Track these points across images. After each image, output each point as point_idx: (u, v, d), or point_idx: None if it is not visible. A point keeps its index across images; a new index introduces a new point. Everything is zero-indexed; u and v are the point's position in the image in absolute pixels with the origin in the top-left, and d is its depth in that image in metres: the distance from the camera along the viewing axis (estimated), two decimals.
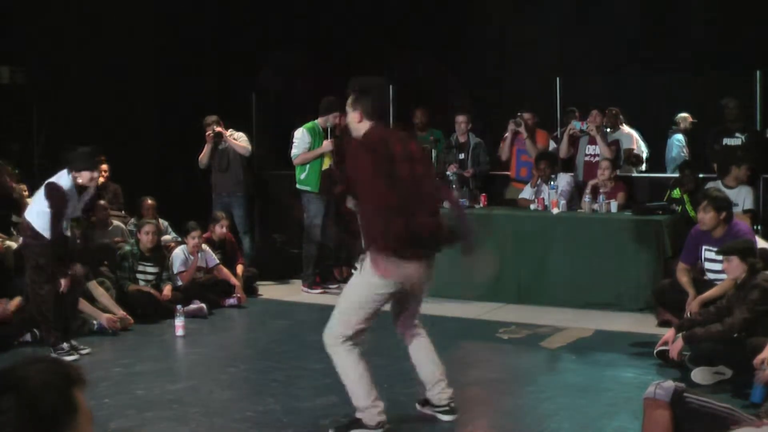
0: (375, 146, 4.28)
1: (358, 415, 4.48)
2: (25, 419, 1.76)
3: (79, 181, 6.17)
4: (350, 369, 4.41)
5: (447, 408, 4.78)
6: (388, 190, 4.19)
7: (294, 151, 8.59)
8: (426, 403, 4.87)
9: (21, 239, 8.02)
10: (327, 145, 8.50)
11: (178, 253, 7.94)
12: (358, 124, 4.47)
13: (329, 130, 8.53)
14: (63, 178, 6.16)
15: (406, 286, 4.45)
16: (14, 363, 1.85)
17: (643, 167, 9.52)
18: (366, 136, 4.40)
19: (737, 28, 9.49)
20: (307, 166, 8.60)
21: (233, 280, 8.09)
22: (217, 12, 10.90)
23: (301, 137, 8.56)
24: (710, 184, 7.44)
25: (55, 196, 6.11)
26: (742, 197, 7.57)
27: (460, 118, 9.17)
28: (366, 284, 4.39)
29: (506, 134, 9.19)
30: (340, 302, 4.55)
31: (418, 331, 4.78)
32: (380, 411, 4.45)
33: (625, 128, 9.18)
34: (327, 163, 8.60)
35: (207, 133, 9.06)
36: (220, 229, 8.39)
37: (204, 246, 8.05)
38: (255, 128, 10.35)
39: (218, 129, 9.04)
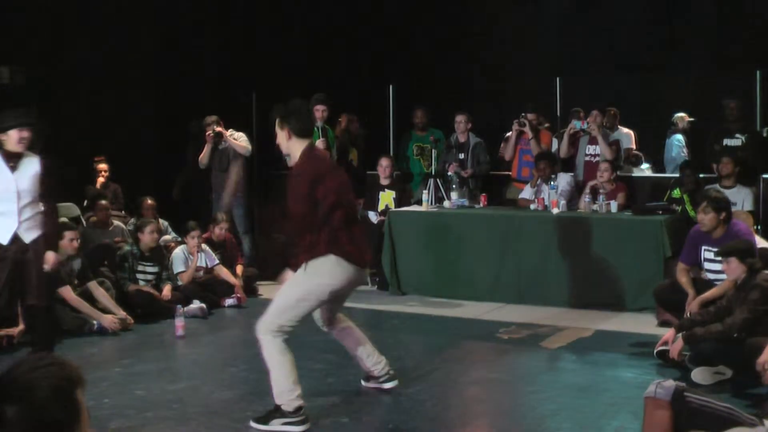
0: (310, 185, 4.72)
1: (278, 401, 4.68)
2: (32, 428, 1.75)
3: (8, 147, 5.28)
4: (276, 356, 4.67)
5: (387, 376, 5.28)
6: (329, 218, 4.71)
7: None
8: (369, 377, 5.32)
9: None
10: (320, 144, 8.50)
11: (178, 253, 7.94)
12: (288, 142, 4.90)
13: (320, 129, 8.54)
14: None
15: (346, 288, 4.88)
16: (17, 368, 1.83)
17: (644, 166, 9.54)
18: (301, 174, 4.80)
19: (737, 28, 9.50)
20: None
21: (233, 280, 8.09)
22: (217, 12, 10.90)
23: None
24: (708, 188, 7.43)
25: None
26: (741, 198, 7.58)
27: (460, 118, 9.17)
28: (312, 282, 4.73)
29: (508, 134, 9.20)
30: (279, 297, 4.84)
31: (343, 324, 5.25)
32: (298, 395, 4.66)
33: (624, 128, 9.20)
34: None
35: (207, 133, 9.05)
36: (219, 231, 8.39)
37: (204, 246, 8.05)
38: (255, 128, 10.35)
39: (218, 129, 9.03)
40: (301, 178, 4.77)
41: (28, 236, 5.38)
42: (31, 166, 5.39)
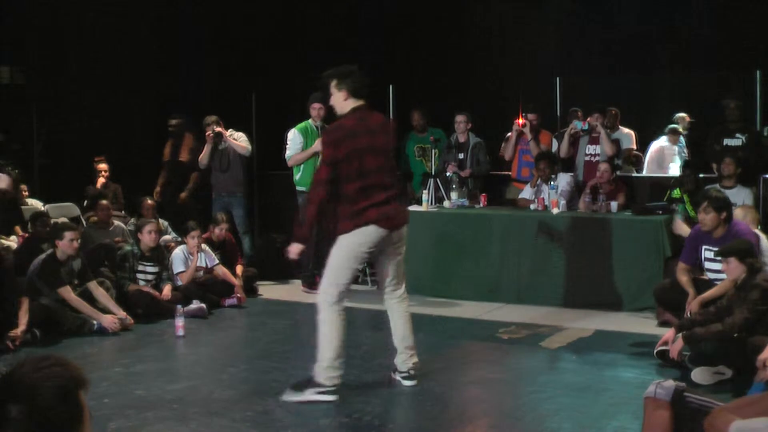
0: (339, 140, 5.01)
1: (317, 374, 5.00)
2: (35, 428, 1.75)
3: None
4: (329, 332, 5.04)
5: (407, 374, 5.35)
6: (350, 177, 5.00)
7: (288, 153, 8.59)
8: (394, 369, 5.42)
9: (20, 239, 8.05)
10: (319, 143, 8.51)
11: (178, 253, 7.94)
12: (344, 102, 5.14)
13: (319, 128, 8.55)
14: None
15: (379, 248, 5.15)
16: (20, 368, 1.83)
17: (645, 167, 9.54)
18: (338, 127, 5.12)
19: (737, 28, 9.50)
20: (302, 166, 8.60)
21: (233, 280, 8.09)
22: (217, 12, 10.90)
23: (293, 138, 8.57)
24: (707, 188, 7.42)
25: None
26: (741, 198, 7.57)
27: (460, 118, 9.17)
28: (345, 246, 5.08)
29: (509, 134, 9.20)
30: (328, 264, 5.18)
31: (400, 301, 5.40)
32: (339, 375, 5.03)
33: (625, 129, 9.19)
34: None
35: (207, 133, 9.06)
36: (219, 231, 8.39)
37: (204, 246, 8.05)
38: (255, 128, 10.35)
39: (218, 129, 9.03)
40: (325, 136, 5.20)
41: None
42: None
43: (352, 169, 5.00)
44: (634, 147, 9.26)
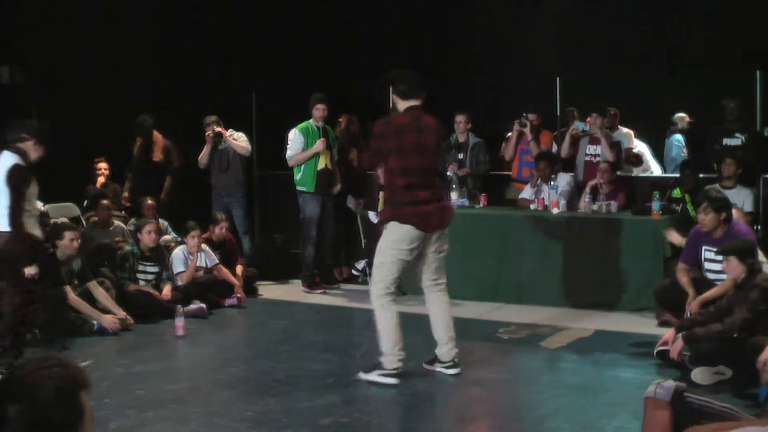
0: (385, 135, 5.38)
1: (381, 358, 5.37)
2: (33, 428, 1.75)
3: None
4: (383, 322, 5.38)
5: (451, 363, 5.61)
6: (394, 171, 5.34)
7: (288, 153, 8.60)
8: (434, 361, 5.65)
9: None
10: (319, 144, 8.52)
11: (178, 254, 7.94)
12: (400, 101, 5.52)
13: (321, 129, 8.55)
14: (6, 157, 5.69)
15: (417, 245, 5.40)
16: (22, 367, 1.83)
17: (651, 164, 9.53)
18: (387, 122, 5.47)
19: (737, 28, 9.49)
20: (302, 166, 8.60)
21: (233, 280, 8.09)
22: (217, 12, 10.90)
23: (294, 138, 8.57)
24: (707, 188, 7.41)
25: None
26: (742, 198, 7.57)
27: (460, 118, 9.16)
28: (385, 242, 5.40)
29: (509, 134, 9.20)
30: (374, 263, 5.51)
31: (440, 293, 5.68)
32: (400, 359, 5.38)
33: (624, 129, 9.19)
34: (323, 163, 8.60)
35: (207, 133, 9.06)
36: (219, 231, 8.39)
37: (204, 246, 8.05)
38: (255, 128, 10.35)
39: (218, 129, 9.03)
40: (374, 127, 5.47)
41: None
42: (6, 162, 5.68)
43: (398, 165, 5.30)
44: (634, 147, 9.25)
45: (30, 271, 5.74)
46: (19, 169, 5.64)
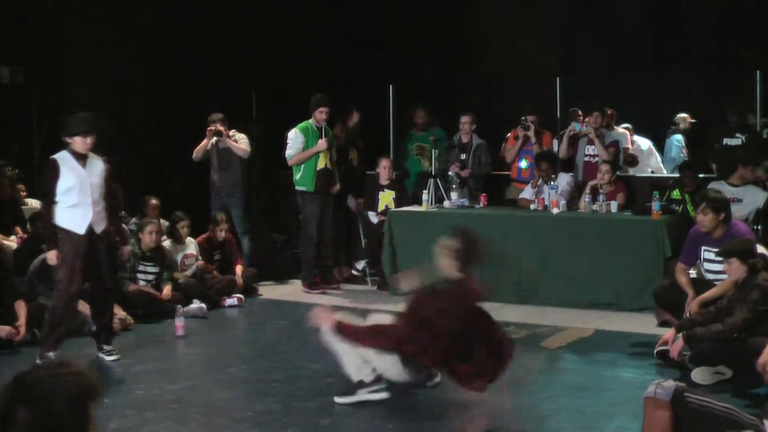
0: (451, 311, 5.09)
1: (355, 378, 5.00)
2: None
3: (74, 148, 5.92)
4: (335, 342, 4.97)
5: None
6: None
7: (288, 152, 8.59)
8: None
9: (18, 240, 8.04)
10: (321, 143, 8.51)
11: (169, 248, 8.00)
12: (448, 268, 5.17)
13: (322, 129, 8.54)
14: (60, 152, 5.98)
15: None
16: (36, 371, 1.82)
17: (655, 158, 9.55)
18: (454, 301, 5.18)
19: (737, 28, 9.49)
20: (302, 166, 8.60)
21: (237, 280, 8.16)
22: (217, 11, 10.89)
23: (294, 137, 8.57)
24: (712, 184, 7.40)
25: (45, 168, 6.00)
26: (750, 196, 7.51)
27: (465, 119, 9.16)
28: None
29: (509, 134, 9.21)
30: None
31: None
32: (373, 368, 4.99)
33: (620, 128, 9.20)
34: (322, 163, 8.59)
35: (208, 128, 9.01)
36: (220, 233, 8.42)
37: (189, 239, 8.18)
38: (255, 128, 10.35)
39: (220, 128, 8.98)
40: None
41: (99, 227, 5.97)
42: (98, 165, 6.05)
43: None
44: (630, 147, 9.25)
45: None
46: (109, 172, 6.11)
